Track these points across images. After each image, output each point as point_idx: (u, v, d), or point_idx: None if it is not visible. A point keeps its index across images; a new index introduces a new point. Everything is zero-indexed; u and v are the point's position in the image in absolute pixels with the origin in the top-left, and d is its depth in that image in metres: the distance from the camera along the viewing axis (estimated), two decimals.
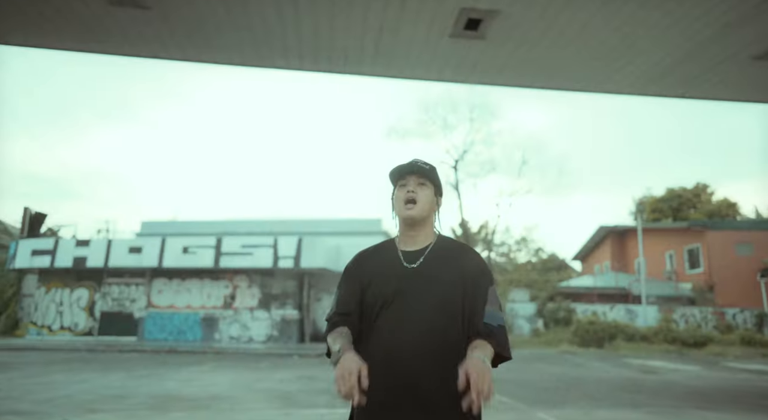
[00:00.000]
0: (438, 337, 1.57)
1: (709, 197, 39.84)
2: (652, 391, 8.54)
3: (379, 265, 1.73)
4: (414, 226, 1.74)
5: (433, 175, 1.78)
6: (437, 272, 1.66)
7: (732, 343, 19.28)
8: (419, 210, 1.71)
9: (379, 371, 1.50)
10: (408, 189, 1.72)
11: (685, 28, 5.18)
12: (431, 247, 1.73)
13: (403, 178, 1.76)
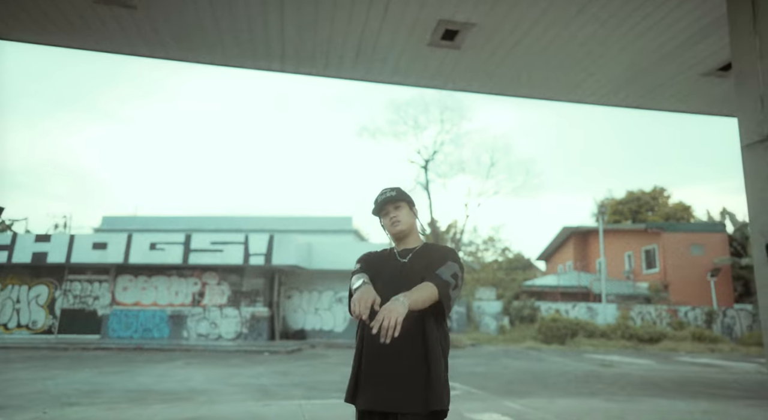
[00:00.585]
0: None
1: (665, 200, 41.73)
2: (609, 382, 9.09)
3: (381, 262, 2.23)
4: (403, 238, 2.24)
5: (401, 195, 2.24)
6: (418, 265, 2.13)
7: (684, 339, 20.39)
8: (403, 225, 2.22)
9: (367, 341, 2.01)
10: (390, 215, 2.22)
11: (641, 47, 5.65)
12: (417, 249, 2.21)
13: (383, 210, 2.24)
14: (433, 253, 2.17)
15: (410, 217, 2.24)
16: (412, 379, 1.91)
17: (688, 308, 23.94)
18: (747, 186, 3.69)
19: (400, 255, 2.20)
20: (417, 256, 2.17)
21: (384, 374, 1.93)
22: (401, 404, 1.87)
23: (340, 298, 19.64)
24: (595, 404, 6.39)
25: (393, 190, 2.26)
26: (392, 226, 2.21)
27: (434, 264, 2.09)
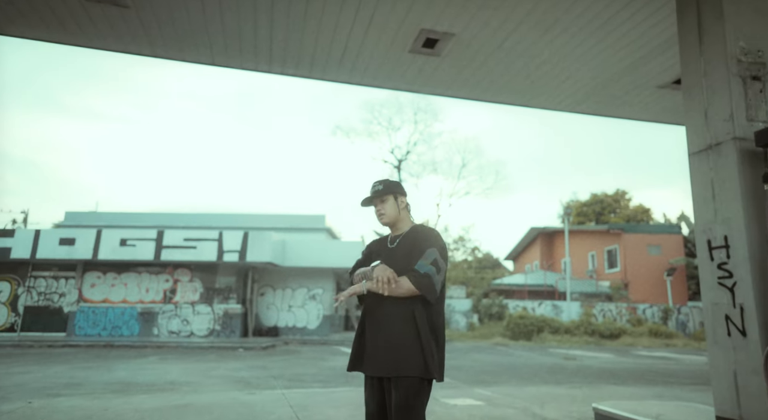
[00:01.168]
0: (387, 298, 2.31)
1: (627, 203, 43.41)
2: (572, 373, 9.65)
3: (375, 248, 2.63)
4: (392, 226, 2.56)
5: (387, 189, 2.50)
6: (404, 249, 2.42)
7: (642, 335, 21.42)
8: (386, 218, 2.51)
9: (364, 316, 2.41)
10: (377, 208, 2.51)
11: (604, 60, 6.15)
12: (404, 234, 2.51)
13: (371, 204, 2.53)
14: (418, 237, 2.43)
15: (394, 209, 2.49)
16: (404, 350, 2.21)
17: (646, 306, 25.11)
18: (693, 189, 4.16)
19: (390, 241, 2.53)
20: (403, 240, 2.46)
21: (381, 346, 2.24)
22: (396, 369, 2.17)
23: (313, 295, 19.82)
24: (559, 391, 6.87)
25: (380, 184, 2.51)
26: (379, 218, 2.52)
27: (416, 249, 2.37)
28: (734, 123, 3.77)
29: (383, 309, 2.28)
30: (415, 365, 2.17)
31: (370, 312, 2.33)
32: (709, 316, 3.92)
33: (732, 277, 3.70)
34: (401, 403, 2.11)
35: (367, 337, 2.32)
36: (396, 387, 2.14)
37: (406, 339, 2.23)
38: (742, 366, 3.59)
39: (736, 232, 3.70)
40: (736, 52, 3.84)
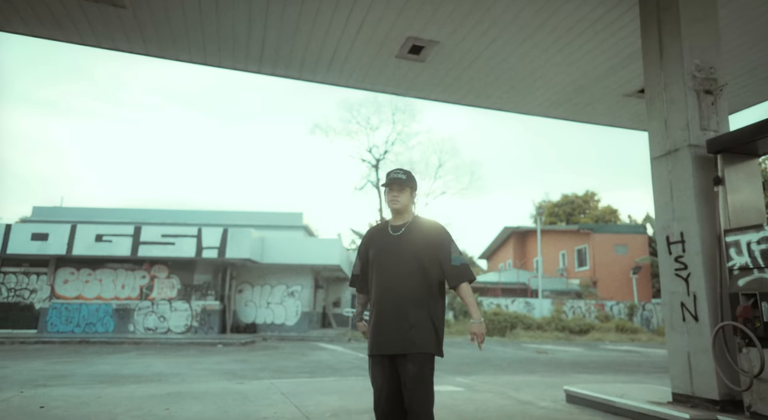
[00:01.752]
0: (402, 276, 2.56)
1: (596, 204, 44.75)
2: (544, 364, 10.16)
3: (376, 235, 2.76)
4: (397, 214, 2.71)
5: (408, 181, 2.69)
6: (409, 237, 2.62)
7: (609, 330, 22.29)
8: (399, 204, 2.67)
9: (376, 301, 2.58)
10: (393, 193, 2.66)
11: (576, 70, 6.61)
12: (409, 223, 2.69)
13: (390, 186, 2.68)
14: (429, 232, 2.64)
15: (407, 199, 2.66)
16: (420, 330, 2.46)
17: (613, 303, 26.08)
18: (654, 190, 4.62)
19: (394, 229, 2.66)
20: (409, 229, 2.64)
21: (401, 327, 2.46)
22: (414, 346, 2.42)
23: (292, 292, 19.96)
24: (533, 378, 7.31)
25: (404, 174, 2.67)
26: (391, 203, 2.66)
27: (432, 243, 2.59)
28: (690, 132, 4.23)
29: (401, 293, 2.49)
30: (429, 343, 2.45)
31: (387, 295, 2.51)
32: (667, 304, 4.38)
33: (687, 268, 4.15)
34: (418, 375, 2.37)
35: (386, 319, 2.49)
36: (413, 362, 2.38)
37: (422, 320, 2.48)
38: (694, 347, 4.04)
39: (691, 228, 4.15)
40: (692, 68, 4.29)
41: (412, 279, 2.54)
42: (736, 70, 6.46)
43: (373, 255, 2.66)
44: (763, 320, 3.47)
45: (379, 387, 2.45)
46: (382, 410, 2.44)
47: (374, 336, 2.52)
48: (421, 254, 2.58)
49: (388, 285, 2.53)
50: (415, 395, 2.35)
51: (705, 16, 4.50)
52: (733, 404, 3.77)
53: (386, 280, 2.55)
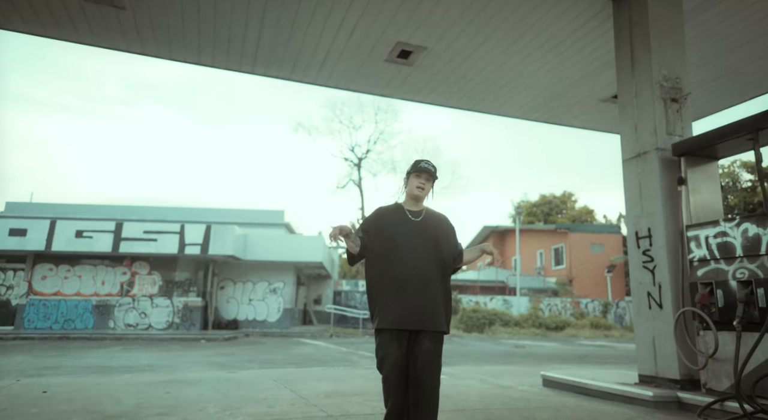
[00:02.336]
0: (426, 259, 2.78)
1: (573, 204, 45.82)
2: (521, 357, 10.60)
3: (394, 217, 2.88)
4: (416, 201, 2.91)
5: (435, 174, 2.94)
6: (429, 225, 2.87)
7: (584, 327, 23.00)
8: (425, 193, 2.90)
9: (397, 279, 2.69)
10: (421, 181, 2.86)
11: (555, 76, 7.01)
12: (426, 211, 2.94)
13: (419, 172, 2.87)
14: (441, 219, 2.94)
15: (430, 190, 2.91)
16: (437, 310, 2.70)
17: (588, 300, 26.87)
18: (625, 189, 5.01)
19: (413, 215, 2.86)
20: (427, 217, 2.88)
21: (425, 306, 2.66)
22: (432, 324, 2.66)
23: (274, 288, 20.09)
24: (511, 368, 7.70)
25: (433, 167, 2.92)
26: (417, 189, 2.84)
27: (444, 232, 2.88)
28: (657, 136, 4.63)
29: (424, 275, 2.71)
30: (443, 322, 2.71)
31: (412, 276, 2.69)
32: (635, 294, 4.78)
33: (653, 261, 4.56)
34: (434, 351, 2.62)
35: (411, 297, 2.64)
36: (430, 339, 2.62)
37: (439, 301, 2.73)
38: (659, 332, 4.45)
39: (657, 224, 4.55)
40: (660, 78, 4.70)
41: (433, 262, 2.76)
42: (699, 80, 6.94)
43: (392, 235, 2.78)
44: (718, 306, 3.88)
45: (393, 360, 2.57)
46: (394, 381, 2.56)
47: (397, 311, 2.63)
48: (440, 240, 2.83)
49: (413, 266, 2.70)
50: (428, 369, 2.57)
51: (672, 32, 4.91)
52: (692, 383, 4.18)
53: (411, 261, 2.71)
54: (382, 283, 2.73)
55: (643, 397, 4.15)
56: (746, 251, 3.75)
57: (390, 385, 2.57)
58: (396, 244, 2.76)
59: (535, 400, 4.49)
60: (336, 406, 4.01)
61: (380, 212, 2.93)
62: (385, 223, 2.84)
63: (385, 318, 2.65)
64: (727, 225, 3.94)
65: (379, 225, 2.84)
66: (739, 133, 3.94)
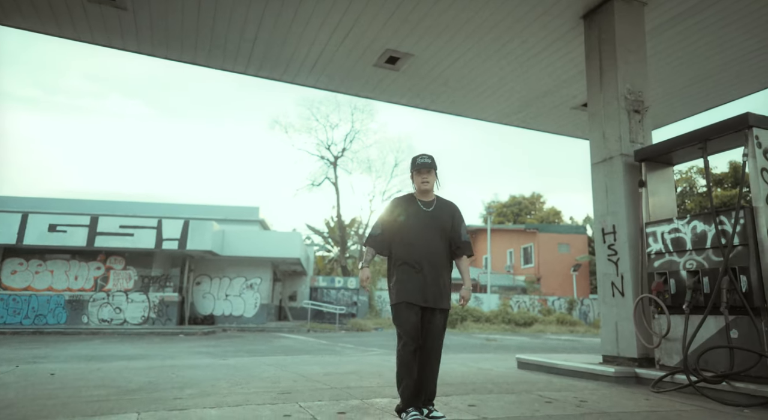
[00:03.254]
0: (435, 246, 3.16)
1: (541, 205, 47.19)
2: (494, 348, 11.20)
3: (408, 207, 3.23)
4: (426, 192, 3.24)
5: (434, 164, 3.25)
6: (440, 214, 3.20)
7: (551, 323, 23.94)
8: (430, 186, 3.21)
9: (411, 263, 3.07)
10: (423, 176, 3.20)
11: (530, 84, 7.57)
12: (436, 201, 3.28)
13: (419, 169, 3.20)
14: (450, 209, 3.25)
15: (434, 180, 3.20)
16: (446, 291, 3.11)
17: (555, 298, 27.92)
18: (593, 190, 5.57)
19: (424, 204, 3.19)
20: (438, 206, 3.21)
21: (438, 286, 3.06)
22: (442, 303, 3.07)
23: (251, 284, 20.23)
24: (487, 356, 8.24)
25: (429, 158, 3.19)
26: (423, 184, 3.17)
27: (455, 220, 3.23)
28: (621, 143, 5.20)
29: (437, 260, 3.10)
30: (449, 302, 3.14)
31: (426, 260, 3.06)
32: (601, 284, 5.34)
33: (617, 254, 5.12)
34: (441, 326, 3.06)
35: (427, 279, 3.02)
36: (441, 315, 3.06)
37: (447, 283, 3.14)
38: (621, 317, 5.01)
39: (621, 222, 5.12)
40: (624, 91, 5.27)
41: (442, 249, 3.15)
42: (659, 93, 7.61)
43: (408, 224, 3.14)
44: (670, 293, 4.45)
45: (414, 323, 2.96)
46: (414, 342, 2.94)
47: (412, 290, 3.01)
48: (447, 229, 3.20)
49: (427, 252, 3.07)
50: (438, 339, 3.03)
51: (636, 49, 5.50)
52: (648, 360, 4.75)
53: (426, 247, 3.07)
54: (400, 266, 3.10)
55: (606, 373, 4.69)
56: (695, 245, 4.33)
57: (413, 343, 2.93)
58: (411, 231, 3.12)
59: (513, 377, 4.99)
60: (335, 381, 4.41)
61: (395, 204, 3.27)
62: (403, 213, 3.18)
63: (403, 294, 3.02)
64: (679, 222, 4.52)
65: (396, 214, 3.19)
66: (690, 143, 4.52)
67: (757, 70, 7.15)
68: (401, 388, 2.94)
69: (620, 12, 5.53)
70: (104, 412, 2.95)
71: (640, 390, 4.26)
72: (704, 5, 5.71)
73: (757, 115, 4.09)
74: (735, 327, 3.91)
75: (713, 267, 4.13)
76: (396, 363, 3.01)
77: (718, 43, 6.47)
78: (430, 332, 3.03)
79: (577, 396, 3.86)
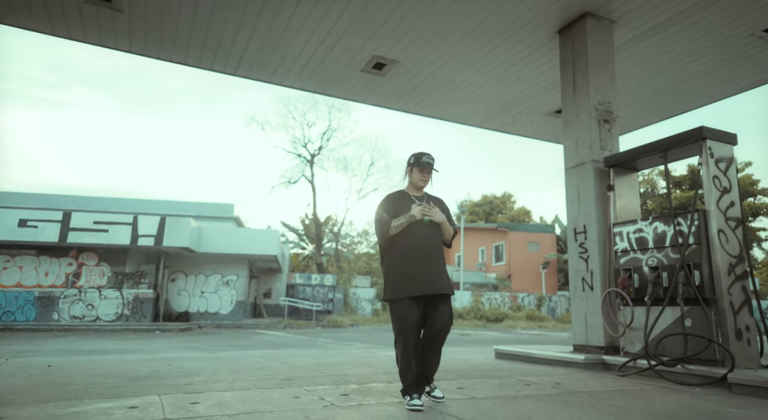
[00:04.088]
0: (431, 239, 3.38)
1: (512, 205, 48.31)
2: (468, 342, 11.68)
3: (402, 202, 3.40)
4: (420, 189, 3.48)
5: (434, 165, 3.48)
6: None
7: (521, 318, 24.75)
8: (427, 184, 3.47)
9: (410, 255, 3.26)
10: (424, 175, 3.41)
11: (508, 91, 8.01)
12: (427, 196, 3.56)
13: (422, 167, 3.39)
14: (442, 204, 3.50)
15: (429, 180, 3.46)
16: (446, 278, 3.33)
17: (525, 294, 28.79)
18: (567, 193, 6.02)
19: (417, 198, 3.42)
20: (428, 201, 3.43)
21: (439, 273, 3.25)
22: (446, 289, 3.26)
23: (227, 281, 20.23)
24: (463, 348, 8.66)
25: (432, 160, 3.41)
26: (422, 182, 3.41)
27: (444, 213, 3.47)
28: (592, 150, 5.66)
29: (434, 250, 3.30)
30: (451, 288, 3.33)
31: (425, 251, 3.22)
32: (573, 279, 5.80)
33: (587, 252, 5.58)
34: (447, 311, 3.22)
35: (429, 269, 3.18)
36: (445, 301, 3.23)
37: (445, 271, 3.37)
38: (590, 309, 5.47)
39: (591, 222, 5.58)
40: (595, 103, 5.73)
41: (438, 239, 3.38)
42: (624, 102, 8.17)
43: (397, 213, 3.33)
44: (634, 287, 4.93)
45: (415, 320, 3.11)
46: (414, 337, 3.11)
47: (419, 280, 3.13)
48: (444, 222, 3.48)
49: (425, 244, 3.24)
50: (447, 325, 3.17)
51: (605, 64, 5.97)
52: (614, 348, 5.23)
53: (423, 239, 3.24)
54: (399, 259, 3.22)
55: (576, 360, 5.15)
56: (656, 244, 4.82)
57: (412, 339, 3.10)
58: (411, 225, 3.29)
59: (493, 365, 5.40)
60: (330, 370, 4.72)
61: (391, 198, 3.43)
62: (397, 207, 3.36)
63: (404, 288, 3.13)
64: (642, 223, 5.00)
65: (395, 208, 3.35)
66: (653, 151, 5.01)
67: (716, 82, 7.77)
68: (403, 377, 3.09)
69: (592, 29, 5.99)
70: (127, 395, 3.19)
71: (607, 374, 4.72)
72: (667, 25, 6.24)
73: (710, 129, 4.59)
74: (689, 316, 4.41)
75: (671, 263, 4.62)
76: (398, 360, 3.13)
77: (680, 57, 7.03)
78: (438, 318, 3.12)
79: (553, 380, 4.28)
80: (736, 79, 7.60)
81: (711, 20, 6.18)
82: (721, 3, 5.83)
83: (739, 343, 4.20)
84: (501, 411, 2.95)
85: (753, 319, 4.37)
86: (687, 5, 5.86)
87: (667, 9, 5.93)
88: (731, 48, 6.78)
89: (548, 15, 6.06)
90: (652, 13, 6.00)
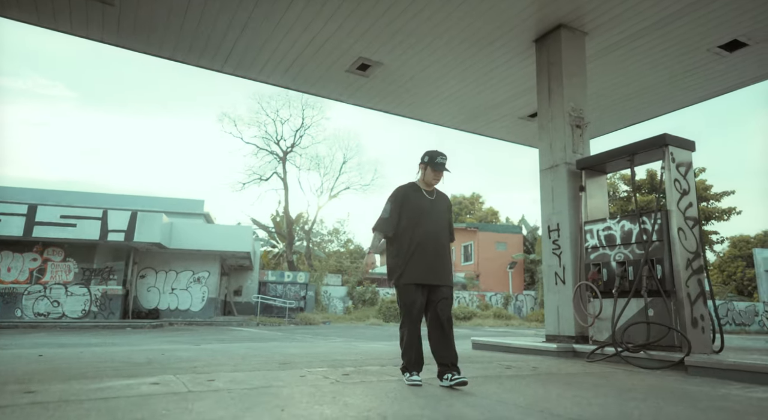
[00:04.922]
0: (439, 232, 3.63)
1: (480, 205, 49.31)
2: None
3: (414, 196, 3.61)
4: (432, 185, 3.68)
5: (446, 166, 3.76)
6: (440, 203, 3.65)
7: (488, 317, 25.41)
8: (438, 184, 3.69)
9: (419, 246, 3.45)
10: (438, 175, 3.59)
11: (484, 96, 8.41)
12: (436, 192, 3.78)
13: (437, 168, 3.56)
14: (446, 199, 3.72)
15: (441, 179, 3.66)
16: (450, 269, 3.59)
17: (492, 293, 29.53)
18: (541, 193, 6.43)
19: (428, 193, 3.61)
20: (438, 196, 3.66)
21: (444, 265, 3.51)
22: (449, 280, 3.54)
23: (198, 277, 20.05)
24: None
25: (446, 160, 3.57)
26: (435, 181, 3.60)
27: (449, 209, 3.72)
28: (566, 153, 6.07)
29: (441, 242, 3.55)
30: (452, 279, 3.60)
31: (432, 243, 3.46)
32: (546, 274, 6.20)
33: (560, 248, 5.99)
34: (448, 292, 3.47)
35: (435, 259, 3.43)
36: (448, 291, 3.47)
37: (449, 262, 3.62)
38: (562, 302, 5.88)
39: (564, 221, 5.99)
40: (569, 109, 6.16)
41: (445, 233, 3.64)
42: (594, 108, 8.69)
43: (419, 208, 3.53)
44: (603, 280, 5.36)
45: (419, 305, 3.38)
46: (418, 321, 3.39)
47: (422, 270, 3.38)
48: (448, 216, 3.74)
49: (433, 236, 3.48)
50: (449, 310, 3.44)
51: (578, 73, 6.41)
52: (583, 338, 5.65)
53: (432, 232, 3.48)
54: (408, 248, 3.44)
55: (548, 349, 5.54)
56: (623, 240, 5.25)
57: (416, 322, 3.38)
58: (418, 217, 3.53)
59: (472, 353, 5.74)
60: (322, 357, 4.96)
61: (403, 190, 3.64)
62: (408, 199, 3.57)
63: (412, 274, 3.38)
64: (611, 222, 5.44)
65: (403, 202, 3.56)
66: (621, 155, 5.45)
67: (676, 92, 8.37)
68: (405, 355, 3.35)
69: (566, 40, 6.42)
70: (143, 375, 3.34)
71: (577, 361, 5.12)
72: (634, 37, 6.73)
73: (672, 136, 5.06)
74: (652, 307, 4.85)
75: (637, 258, 5.06)
76: (402, 340, 3.38)
77: (645, 68, 7.56)
78: (442, 305, 3.38)
79: (529, 365, 4.64)
80: (695, 89, 8.21)
81: (673, 35, 6.71)
82: (683, 19, 6.35)
83: (695, 331, 4.66)
84: (491, 386, 3.27)
85: (707, 309, 4.85)
86: (653, 21, 6.36)
87: (635, 23, 6.41)
88: (691, 61, 7.35)
89: (526, 26, 6.45)
90: (621, 26, 6.48)
